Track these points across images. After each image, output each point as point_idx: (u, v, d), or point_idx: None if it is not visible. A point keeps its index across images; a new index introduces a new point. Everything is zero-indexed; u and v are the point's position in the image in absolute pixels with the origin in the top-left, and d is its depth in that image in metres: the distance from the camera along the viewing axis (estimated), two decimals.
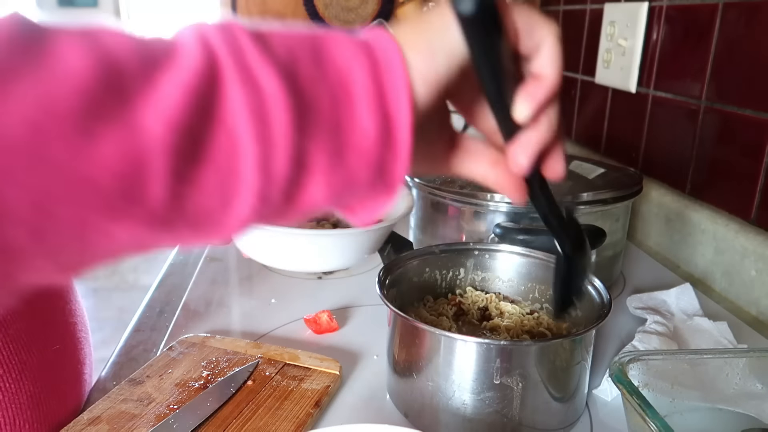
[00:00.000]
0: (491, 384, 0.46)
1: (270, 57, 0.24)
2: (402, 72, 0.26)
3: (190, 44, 0.23)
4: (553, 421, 0.49)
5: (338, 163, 0.25)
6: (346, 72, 0.25)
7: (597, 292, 0.52)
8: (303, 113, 0.24)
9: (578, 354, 0.49)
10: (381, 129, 0.26)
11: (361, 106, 0.25)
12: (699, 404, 0.49)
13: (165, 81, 0.22)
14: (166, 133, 0.22)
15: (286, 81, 0.24)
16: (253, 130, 0.23)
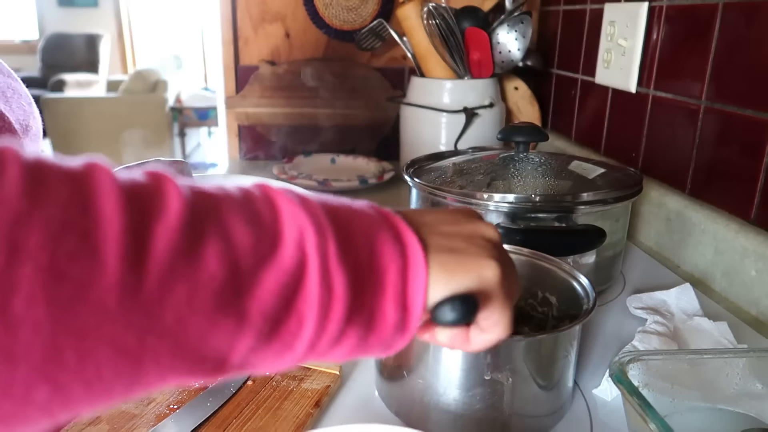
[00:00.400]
0: (481, 380, 0.46)
1: (345, 259, 0.29)
2: (423, 281, 0.31)
3: (290, 243, 0.27)
4: (541, 410, 0.50)
5: (362, 342, 0.30)
6: (385, 269, 0.30)
7: (582, 288, 0.53)
8: (354, 306, 0.29)
9: (565, 347, 0.49)
10: (399, 320, 0.31)
11: (390, 300, 0.30)
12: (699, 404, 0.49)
13: (268, 277, 0.26)
14: (260, 319, 0.26)
15: (351, 281, 0.29)
16: (317, 320, 0.28)
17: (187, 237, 0.24)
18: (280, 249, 0.27)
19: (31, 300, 0.20)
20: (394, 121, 1.36)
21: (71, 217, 0.21)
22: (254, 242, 0.26)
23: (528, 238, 0.62)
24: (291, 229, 0.28)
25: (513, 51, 1.17)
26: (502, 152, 0.82)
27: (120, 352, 0.22)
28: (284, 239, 0.27)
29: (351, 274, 0.29)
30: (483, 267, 0.34)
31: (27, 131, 0.53)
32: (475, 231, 0.36)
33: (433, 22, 1.09)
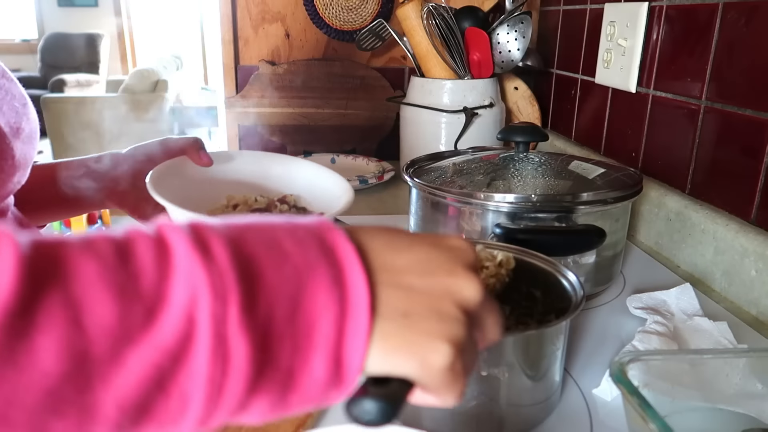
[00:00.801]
0: (478, 376, 0.47)
1: (250, 323, 0.24)
2: (365, 334, 0.27)
3: (173, 314, 0.23)
4: (534, 402, 0.50)
5: (279, 404, 0.26)
6: (315, 323, 0.26)
7: (569, 283, 0.54)
8: (261, 373, 0.25)
9: (557, 340, 0.50)
10: (331, 376, 0.27)
11: (318, 356, 0.26)
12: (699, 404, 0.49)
13: (130, 361, 0.22)
14: (116, 414, 0.22)
15: (256, 350, 0.24)
16: (206, 398, 0.24)
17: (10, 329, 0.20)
18: (158, 322, 0.22)
19: None
20: (394, 121, 1.36)
21: None
22: (119, 319, 0.22)
23: (528, 238, 0.62)
24: (180, 293, 0.23)
25: (513, 51, 1.17)
26: (502, 152, 0.82)
27: None
28: (167, 309, 0.23)
29: (258, 338, 0.24)
30: (431, 351, 0.28)
31: (18, 133, 0.53)
32: (449, 290, 0.30)
33: (433, 22, 1.09)
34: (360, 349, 0.27)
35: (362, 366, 0.27)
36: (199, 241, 0.25)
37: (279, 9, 1.34)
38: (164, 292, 0.23)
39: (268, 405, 0.26)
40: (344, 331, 0.26)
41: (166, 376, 0.23)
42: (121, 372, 0.22)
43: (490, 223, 0.68)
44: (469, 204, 0.69)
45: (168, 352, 0.22)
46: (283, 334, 0.25)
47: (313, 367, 0.26)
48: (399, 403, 0.29)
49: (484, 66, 1.15)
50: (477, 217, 0.70)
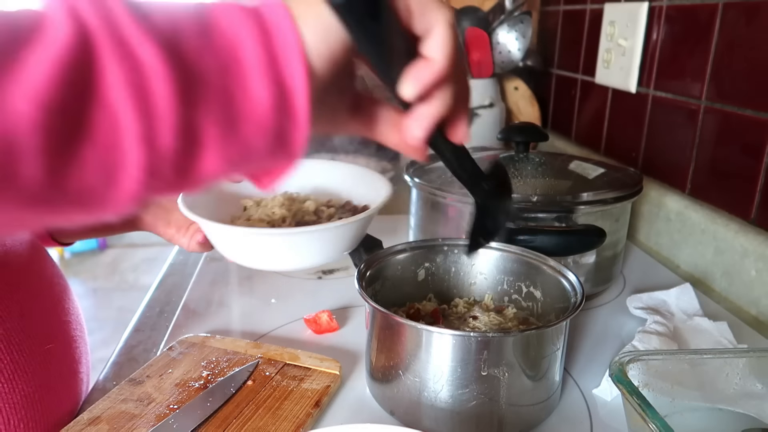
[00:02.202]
0: (478, 376, 0.47)
1: (148, 28, 0.23)
2: (294, 40, 0.26)
3: (58, 17, 0.22)
4: (534, 402, 0.50)
5: (232, 133, 0.25)
6: (234, 40, 0.25)
7: (569, 283, 0.54)
8: (188, 85, 0.24)
9: (558, 339, 0.50)
10: (276, 97, 0.25)
11: (252, 75, 0.25)
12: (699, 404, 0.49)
13: (31, 58, 0.21)
14: (36, 111, 0.21)
15: (167, 52, 0.23)
16: (133, 105, 0.22)
17: None
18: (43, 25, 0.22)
19: None
20: None
21: None
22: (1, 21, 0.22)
23: (528, 238, 0.63)
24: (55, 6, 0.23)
25: (513, 51, 1.17)
26: (502, 152, 0.82)
27: None
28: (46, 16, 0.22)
29: (165, 42, 0.23)
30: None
31: None
32: None
33: None
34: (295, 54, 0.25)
35: (306, 78, 0.26)
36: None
37: None
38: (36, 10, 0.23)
39: (219, 131, 0.24)
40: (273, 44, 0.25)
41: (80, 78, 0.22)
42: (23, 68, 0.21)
43: None
44: (469, 204, 0.69)
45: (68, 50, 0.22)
46: (199, 49, 0.24)
47: (253, 87, 0.25)
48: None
49: (484, 66, 1.15)
50: None
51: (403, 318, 0.48)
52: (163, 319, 0.69)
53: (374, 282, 0.57)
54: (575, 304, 0.50)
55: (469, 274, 0.63)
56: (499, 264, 0.62)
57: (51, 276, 0.55)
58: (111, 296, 2.99)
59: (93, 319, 2.69)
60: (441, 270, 0.63)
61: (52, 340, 0.52)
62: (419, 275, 0.63)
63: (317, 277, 0.79)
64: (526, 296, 0.60)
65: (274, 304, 0.72)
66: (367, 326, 0.54)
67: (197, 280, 0.79)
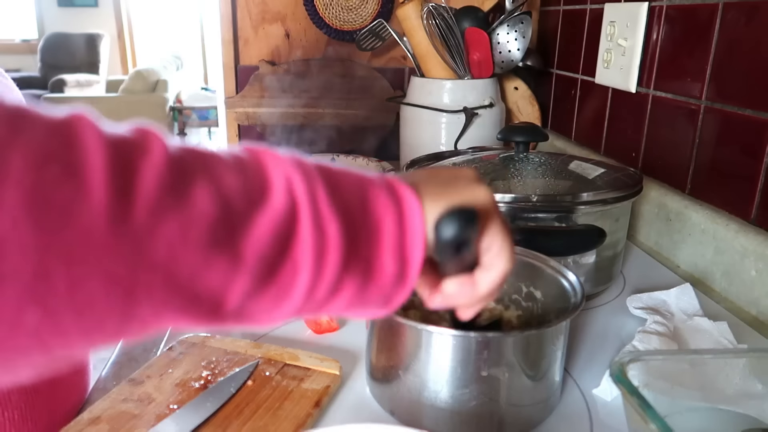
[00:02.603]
0: (478, 376, 0.47)
1: (336, 206, 0.29)
2: (421, 232, 0.32)
3: (279, 188, 0.28)
4: (534, 403, 0.51)
5: (362, 291, 0.31)
6: (380, 221, 0.31)
7: (569, 284, 0.54)
8: (350, 253, 0.30)
9: (558, 340, 0.50)
10: (398, 271, 0.32)
11: (387, 251, 0.31)
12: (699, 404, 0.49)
13: (260, 219, 0.27)
14: (255, 261, 0.27)
15: (344, 228, 0.29)
16: (312, 265, 0.28)
17: (173, 174, 0.24)
18: (270, 193, 0.28)
19: (15, 221, 0.20)
20: (394, 121, 1.36)
21: (54, 147, 0.22)
22: (243, 186, 0.27)
23: (528, 238, 0.62)
24: (278, 176, 0.28)
25: (513, 51, 1.17)
26: (502, 152, 0.82)
27: (111, 280, 0.22)
28: (272, 185, 0.28)
29: (344, 221, 0.29)
30: (474, 189, 0.35)
31: None
32: (464, 174, 0.37)
33: (433, 22, 1.09)
34: (419, 243, 0.32)
35: (422, 261, 0.32)
36: (277, 151, 0.30)
37: (279, 9, 1.34)
38: (266, 174, 0.28)
39: (354, 292, 0.31)
40: (405, 229, 0.32)
41: (285, 239, 0.28)
42: (254, 226, 0.27)
43: None
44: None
45: (282, 217, 0.27)
46: (360, 223, 0.30)
47: (385, 261, 0.31)
48: (473, 214, 0.33)
49: (484, 66, 1.15)
50: None
51: (402, 318, 0.48)
52: None
53: None
54: (575, 305, 0.50)
55: None
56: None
57: None
58: None
59: None
60: None
61: None
62: None
63: None
64: (527, 296, 0.60)
65: None
66: (367, 326, 0.54)
67: None
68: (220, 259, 0.25)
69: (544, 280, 0.58)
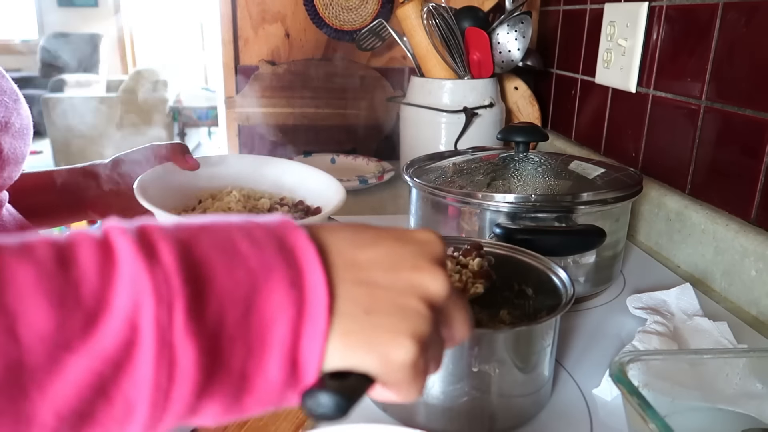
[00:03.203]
0: (469, 372, 0.47)
1: (198, 328, 0.24)
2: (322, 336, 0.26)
3: (115, 321, 0.22)
4: (525, 399, 0.51)
5: (233, 407, 0.26)
6: (270, 325, 0.26)
7: (560, 281, 0.54)
8: (211, 377, 0.24)
9: (548, 336, 0.50)
10: (287, 378, 0.26)
11: (273, 358, 0.26)
12: (699, 404, 0.49)
13: (69, 368, 0.21)
14: (54, 421, 0.22)
15: (203, 354, 0.24)
16: (151, 403, 0.23)
17: None
18: (99, 330, 0.22)
19: None
20: (394, 121, 1.36)
21: None
22: (57, 327, 0.21)
23: (528, 238, 0.63)
24: (123, 299, 0.23)
25: (513, 51, 1.17)
26: (502, 152, 0.82)
27: None
28: (108, 316, 0.22)
29: (207, 343, 0.24)
30: (393, 347, 0.27)
31: (7, 128, 0.54)
32: (413, 284, 0.29)
33: (433, 22, 1.09)
34: (317, 350, 0.26)
35: (320, 366, 0.27)
36: (146, 245, 0.24)
37: (279, 9, 1.34)
38: (106, 298, 0.23)
39: (221, 408, 0.26)
40: (300, 332, 0.26)
41: (108, 383, 0.22)
42: (59, 380, 0.21)
43: (490, 223, 0.68)
44: (469, 204, 0.69)
45: (109, 359, 0.22)
46: (234, 337, 0.25)
47: (268, 369, 0.26)
48: (355, 397, 0.27)
49: (484, 66, 1.15)
50: (477, 217, 0.70)
51: None
52: None
53: None
54: (566, 302, 0.51)
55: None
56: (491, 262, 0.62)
57: None
58: None
59: None
60: None
61: None
62: None
63: None
64: (518, 294, 0.60)
65: None
66: None
67: None
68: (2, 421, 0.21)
69: (535, 278, 0.58)
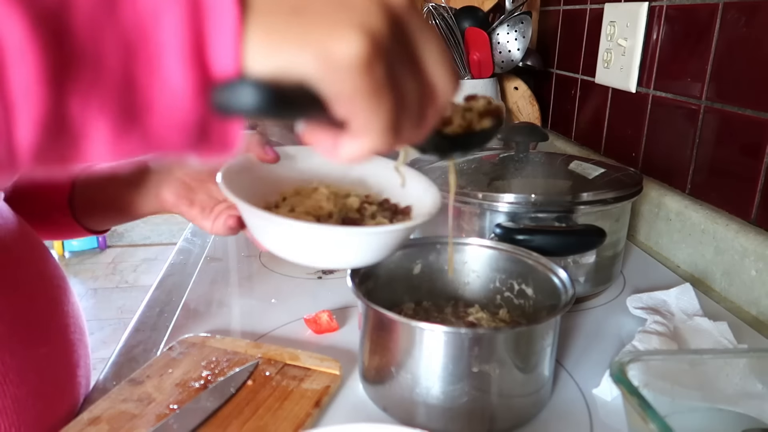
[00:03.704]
0: (469, 372, 0.47)
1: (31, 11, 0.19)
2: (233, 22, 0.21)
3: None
4: (526, 400, 0.51)
5: (131, 125, 0.21)
6: (150, 12, 0.20)
7: (560, 281, 0.54)
8: (67, 68, 0.20)
9: (548, 336, 0.50)
10: (197, 83, 0.21)
11: (168, 58, 0.21)
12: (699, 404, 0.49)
13: None
14: None
15: (41, 27, 0.19)
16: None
17: None
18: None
19: None
20: None
21: None
22: None
23: (528, 238, 0.63)
24: None
25: (513, 51, 1.17)
26: (502, 152, 0.82)
27: None
28: None
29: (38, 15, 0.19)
30: (333, 40, 0.21)
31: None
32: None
33: (433, 22, 1.09)
34: (229, 46, 0.21)
35: (238, 67, 0.21)
36: None
37: None
38: None
39: (110, 122, 0.21)
40: (202, 27, 0.21)
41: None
42: None
43: (490, 223, 0.69)
44: (469, 204, 0.69)
45: None
46: (93, 21, 0.20)
47: (165, 74, 0.21)
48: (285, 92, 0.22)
49: (484, 66, 1.15)
50: (477, 217, 0.70)
51: (394, 314, 0.48)
52: (163, 319, 0.69)
53: (367, 280, 0.58)
54: (566, 302, 0.51)
55: (462, 272, 0.63)
56: (491, 262, 0.62)
57: (51, 277, 0.55)
58: (111, 296, 2.99)
59: (93, 319, 2.69)
60: (434, 268, 0.63)
61: (48, 344, 0.51)
62: (413, 273, 0.63)
63: (317, 277, 0.79)
64: (518, 294, 0.60)
65: (274, 304, 0.72)
66: (360, 324, 0.54)
67: (197, 280, 0.79)
68: None
69: (535, 278, 0.58)
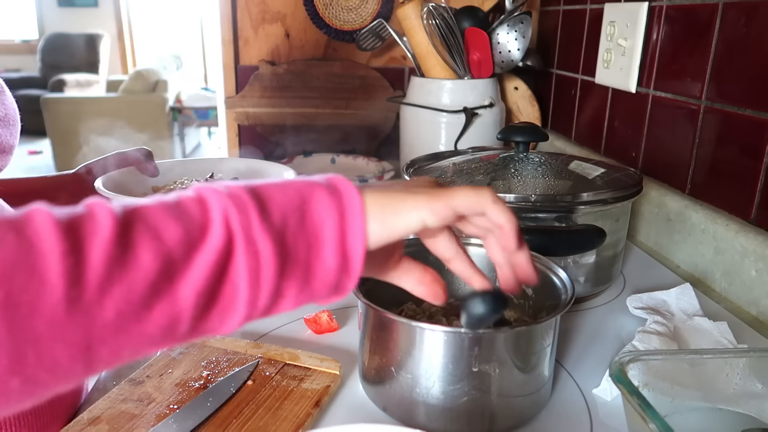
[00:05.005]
0: (469, 372, 0.47)
1: (269, 227, 0.33)
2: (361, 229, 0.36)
3: (217, 224, 0.32)
4: (525, 400, 0.51)
5: (305, 289, 0.35)
6: (320, 226, 0.35)
7: (560, 281, 0.55)
8: (285, 264, 0.33)
9: (548, 335, 0.50)
10: (340, 264, 0.35)
11: (327, 250, 0.35)
12: (699, 404, 0.49)
13: (197, 260, 0.31)
14: (194, 297, 0.30)
15: (277, 245, 0.33)
16: (249, 283, 0.32)
17: (119, 244, 0.29)
18: (209, 233, 0.32)
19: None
20: (394, 121, 1.36)
21: (19, 257, 0.26)
22: (184, 232, 0.31)
23: (528, 238, 0.62)
24: (217, 213, 0.32)
25: (513, 51, 1.17)
26: (502, 152, 0.82)
27: (68, 345, 0.27)
28: (211, 222, 0.32)
29: (277, 237, 0.33)
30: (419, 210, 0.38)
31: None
32: (414, 181, 0.41)
33: (433, 22, 1.09)
34: (359, 238, 0.35)
35: (363, 253, 0.35)
36: (222, 188, 0.34)
37: (279, 9, 1.34)
38: (206, 215, 0.32)
39: (296, 290, 0.34)
40: (345, 226, 0.35)
41: (222, 270, 0.32)
42: (193, 268, 0.30)
43: None
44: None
45: (220, 252, 0.31)
46: (297, 235, 0.34)
47: (325, 258, 0.35)
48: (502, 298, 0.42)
49: (484, 66, 1.15)
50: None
51: (394, 314, 0.48)
52: None
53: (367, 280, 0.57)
54: (565, 302, 0.51)
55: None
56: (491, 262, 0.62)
57: None
58: None
59: None
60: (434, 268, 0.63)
61: None
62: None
63: None
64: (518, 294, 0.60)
65: None
66: (360, 324, 0.54)
67: None
68: (162, 303, 0.30)
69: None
